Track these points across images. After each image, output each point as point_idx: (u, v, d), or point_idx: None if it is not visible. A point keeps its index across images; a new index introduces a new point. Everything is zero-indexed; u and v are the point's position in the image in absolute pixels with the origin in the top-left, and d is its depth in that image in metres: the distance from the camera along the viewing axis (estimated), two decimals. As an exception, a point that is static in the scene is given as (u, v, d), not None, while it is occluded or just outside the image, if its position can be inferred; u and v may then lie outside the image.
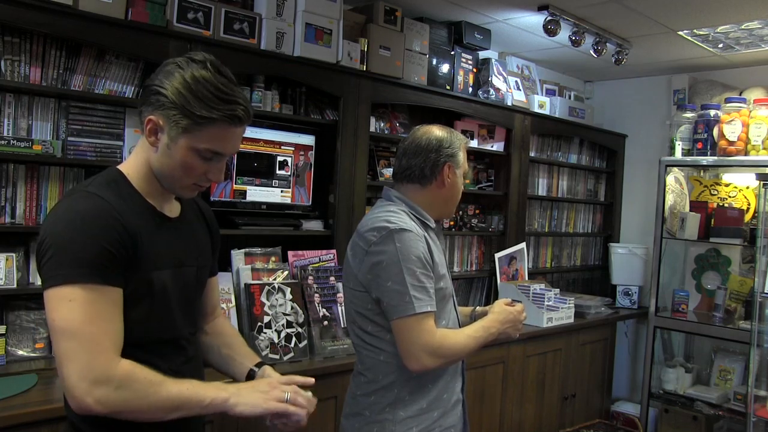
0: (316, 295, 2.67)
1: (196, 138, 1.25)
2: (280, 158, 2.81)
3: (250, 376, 1.46)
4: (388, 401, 1.69)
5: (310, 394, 1.36)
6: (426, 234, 1.73)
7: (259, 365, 1.49)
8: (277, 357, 2.46)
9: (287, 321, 2.55)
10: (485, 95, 3.70)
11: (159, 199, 1.35)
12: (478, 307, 1.96)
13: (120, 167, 1.33)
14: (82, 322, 1.15)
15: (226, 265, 2.62)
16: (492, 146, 3.81)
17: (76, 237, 1.17)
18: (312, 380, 1.41)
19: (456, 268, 3.77)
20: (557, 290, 3.70)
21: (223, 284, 2.52)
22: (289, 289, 2.61)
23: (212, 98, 1.24)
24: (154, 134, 1.28)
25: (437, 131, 1.80)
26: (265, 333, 2.47)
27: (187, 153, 1.27)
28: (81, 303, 1.15)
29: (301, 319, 2.59)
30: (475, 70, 3.70)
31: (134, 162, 1.33)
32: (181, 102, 1.23)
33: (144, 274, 1.26)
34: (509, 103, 3.82)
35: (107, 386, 1.14)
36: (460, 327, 1.82)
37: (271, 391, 1.29)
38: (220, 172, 1.33)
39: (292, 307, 2.59)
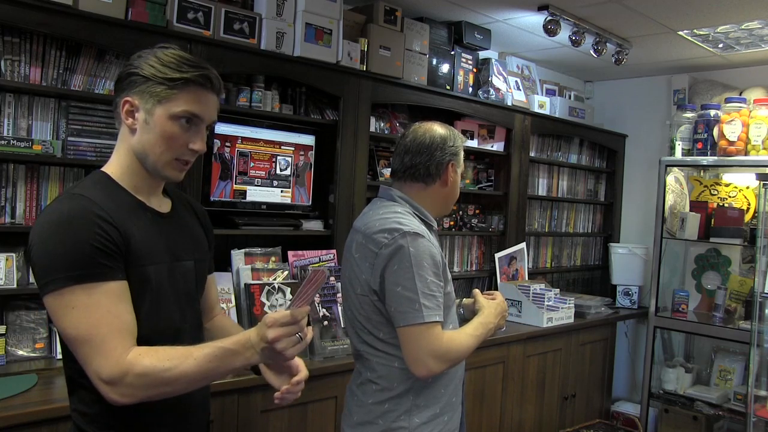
0: (316, 295, 2.67)
1: (171, 103, 1.27)
2: (280, 158, 2.81)
3: None
4: (404, 408, 1.66)
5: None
6: (430, 236, 1.70)
7: None
8: (277, 357, 2.45)
9: (287, 321, 2.54)
10: (485, 95, 3.70)
11: (147, 194, 1.35)
12: (464, 300, 1.93)
13: (103, 169, 1.34)
14: (88, 327, 1.16)
15: (226, 265, 2.62)
16: (492, 146, 3.81)
17: (64, 239, 1.17)
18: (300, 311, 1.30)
19: (456, 268, 3.77)
20: (557, 290, 3.70)
21: (223, 284, 2.52)
22: (289, 289, 2.61)
23: (181, 63, 1.28)
24: (131, 116, 1.29)
25: (439, 129, 1.78)
26: (265, 333, 2.47)
27: (166, 122, 1.28)
28: (83, 308, 1.16)
29: (301, 319, 2.58)
30: (475, 70, 3.70)
31: (117, 159, 1.34)
32: (152, 73, 1.27)
33: (139, 269, 1.26)
34: (509, 103, 3.82)
35: (120, 384, 1.15)
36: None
37: (281, 346, 1.20)
38: (201, 140, 1.33)
39: (292, 307, 2.58)
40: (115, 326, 1.18)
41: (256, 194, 2.74)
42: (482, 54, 3.79)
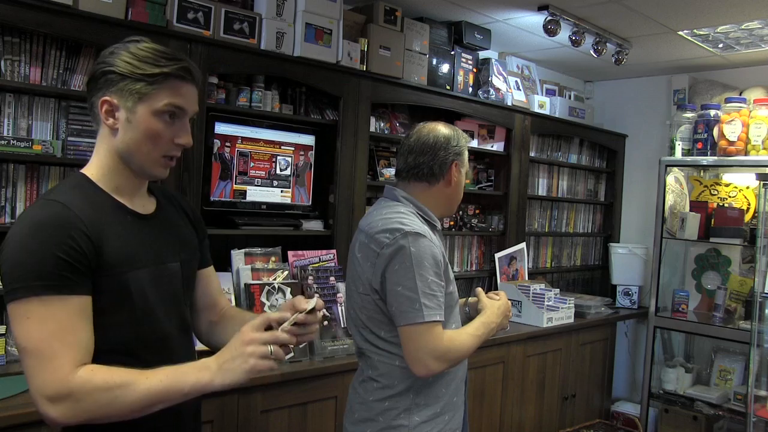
0: (316, 295, 2.67)
1: (153, 99, 1.25)
2: (280, 158, 2.81)
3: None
4: (404, 407, 1.67)
5: (312, 302, 1.26)
6: (432, 236, 1.71)
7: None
8: (277, 357, 2.45)
9: (287, 321, 2.54)
10: (485, 95, 3.70)
11: (130, 195, 1.32)
12: (470, 299, 1.92)
13: (83, 171, 1.31)
14: (39, 339, 1.12)
15: (226, 265, 2.62)
16: (492, 146, 3.82)
17: (31, 248, 1.14)
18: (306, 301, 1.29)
19: (456, 268, 3.77)
20: (557, 290, 3.70)
21: (223, 284, 2.51)
22: (289, 289, 2.61)
23: (158, 58, 1.25)
24: (111, 115, 1.26)
25: (443, 129, 1.79)
26: (265, 333, 2.47)
27: (150, 119, 1.25)
28: (38, 319, 1.12)
29: (301, 319, 2.58)
30: (475, 70, 3.70)
31: (97, 160, 1.31)
32: (129, 70, 1.23)
33: (119, 276, 1.22)
34: (509, 103, 3.82)
35: (66, 401, 1.11)
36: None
37: (250, 350, 1.18)
38: (187, 134, 1.30)
39: (292, 307, 2.58)
40: (68, 342, 1.13)
41: (256, 194, 2.74)
42: (482, 54, 3.79)
